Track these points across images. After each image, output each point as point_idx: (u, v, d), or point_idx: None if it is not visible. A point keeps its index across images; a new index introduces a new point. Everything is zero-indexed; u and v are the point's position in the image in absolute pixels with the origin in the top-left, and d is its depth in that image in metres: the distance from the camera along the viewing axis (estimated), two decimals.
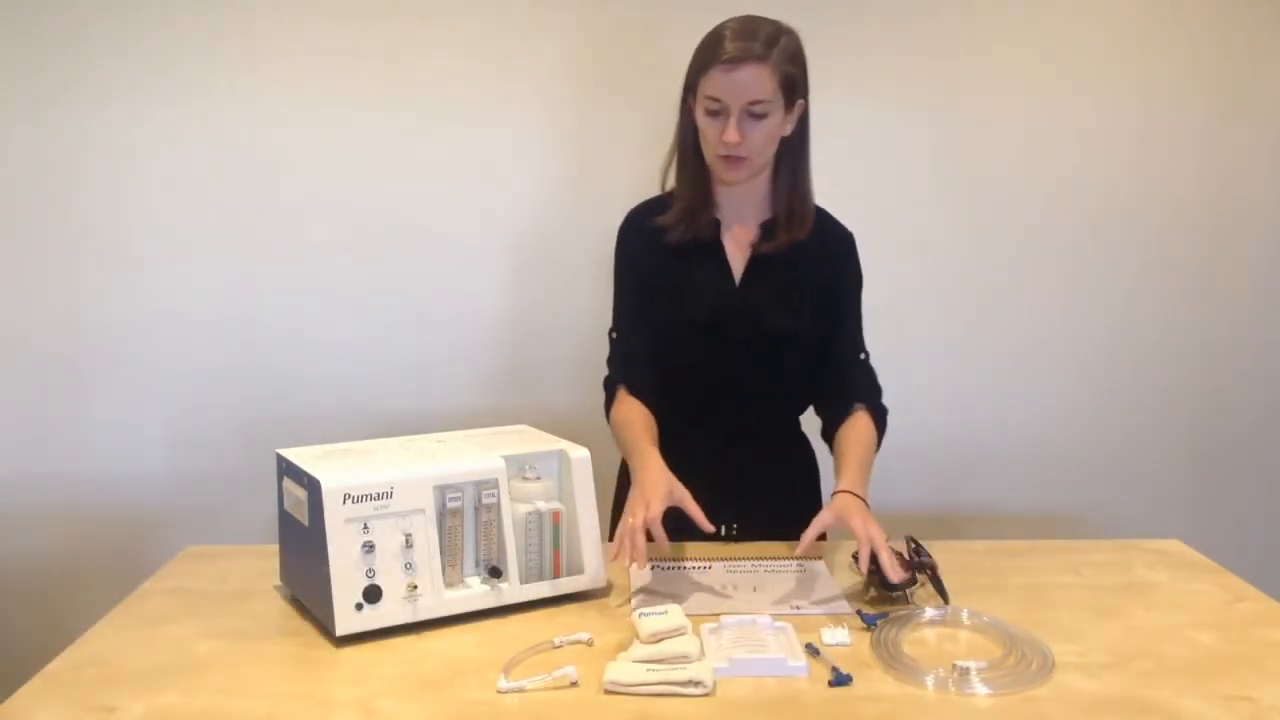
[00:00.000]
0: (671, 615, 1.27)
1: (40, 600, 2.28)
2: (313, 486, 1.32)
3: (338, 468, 1.35)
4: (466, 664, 1.25)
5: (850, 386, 1.67)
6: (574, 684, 1.19)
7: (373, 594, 1.30)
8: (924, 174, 2.25)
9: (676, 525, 1.60)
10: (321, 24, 2.14)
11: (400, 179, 2.20)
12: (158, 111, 2.15)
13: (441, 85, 2.17)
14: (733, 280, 1.63)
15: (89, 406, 2.24)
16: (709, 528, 1.40)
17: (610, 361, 1.70)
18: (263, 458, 1.57)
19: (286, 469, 1.42)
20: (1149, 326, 2.32)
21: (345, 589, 1.29)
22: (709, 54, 1.49)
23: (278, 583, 1.51)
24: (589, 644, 1.30)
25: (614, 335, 1.70)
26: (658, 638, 1.24)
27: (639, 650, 1.23)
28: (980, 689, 1.18)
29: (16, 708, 1.14)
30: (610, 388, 1.68)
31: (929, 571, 1.46)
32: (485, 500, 1.40)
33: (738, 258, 1.63)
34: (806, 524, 1.68)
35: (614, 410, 1.65)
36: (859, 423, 1.64)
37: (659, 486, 1.41)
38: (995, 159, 2.25)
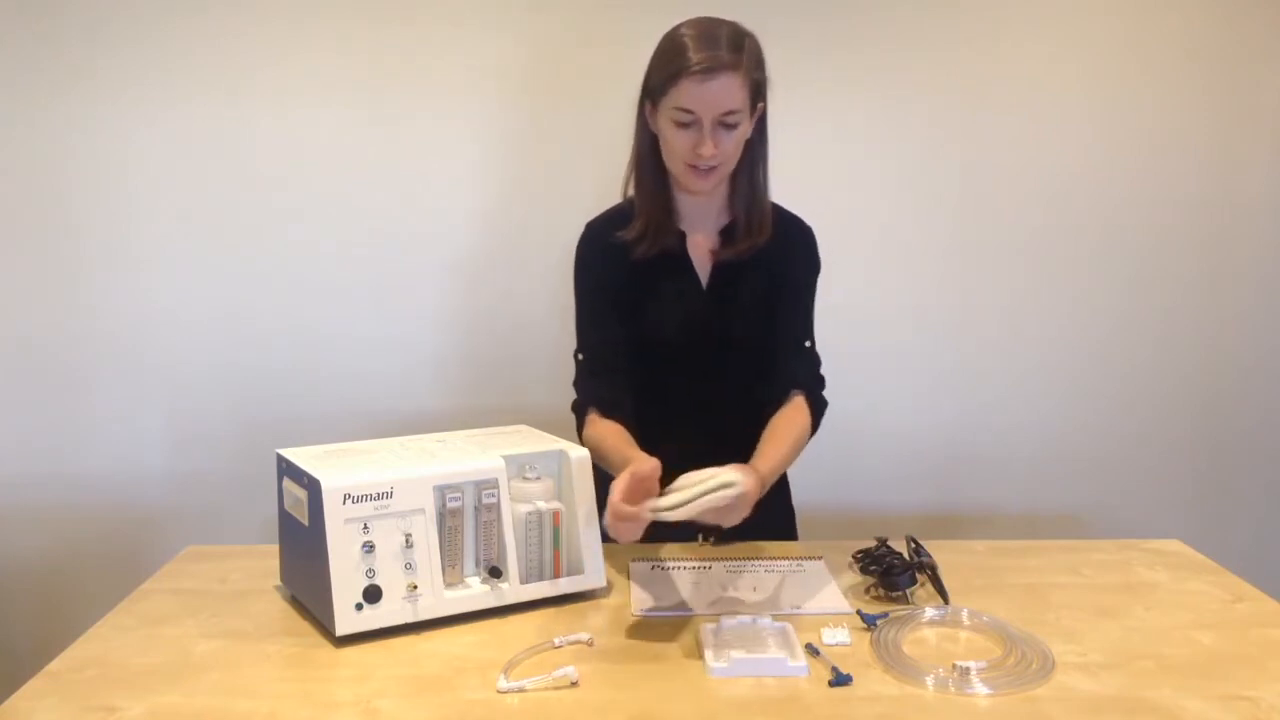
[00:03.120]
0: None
1: (40, 600, 2.29)
2: (313, 486, 1.32)
3: (338, 468, 1.35)
4: (466, 664, 1.25)
5: (790, 372, 1.62)
6: (574, 684, 1.19)
7: (373, 594, 1.30)
8: (922, 175, 2.25)
9: (669, 528, 1.61)
10: (318, 26, 2.14)
11: (400, 179, 2.20)
12: (158, 111, 2.15)
13: (436, 85, 2.17)
14: (702, 291, 1.60)
15: (89, 406, 2.24)
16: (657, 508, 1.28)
17: (577, 384, 1.64)
18: (263, 458, 1.57)
19: (286, 469, 1.43)
20: (1149, 326, 2.32)
21: (345, 589, 1.29)
22: (676, 63, 1.43)
23: (278, 583, 1.51)
24: (589, 644, 1.30)
25: (580, 356, 1.63)
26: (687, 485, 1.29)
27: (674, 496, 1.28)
28: (980, 689, 1.18)
29: (16, 708, 1.15)
30: (580, 411, 1.61)
31: (929, 571, 1.46)
32: (485, 500, 1.40)
33: (703, 266, 1.60)
34: (779, 529, 1.68)
35: (588, 432, 1.57)
36: (793, 410, 1.58)
37: (637, 464, 1.29)
38: (994, 160, 2.25)
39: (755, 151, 1.55)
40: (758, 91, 1.49)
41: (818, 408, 1.63)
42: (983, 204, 2.26)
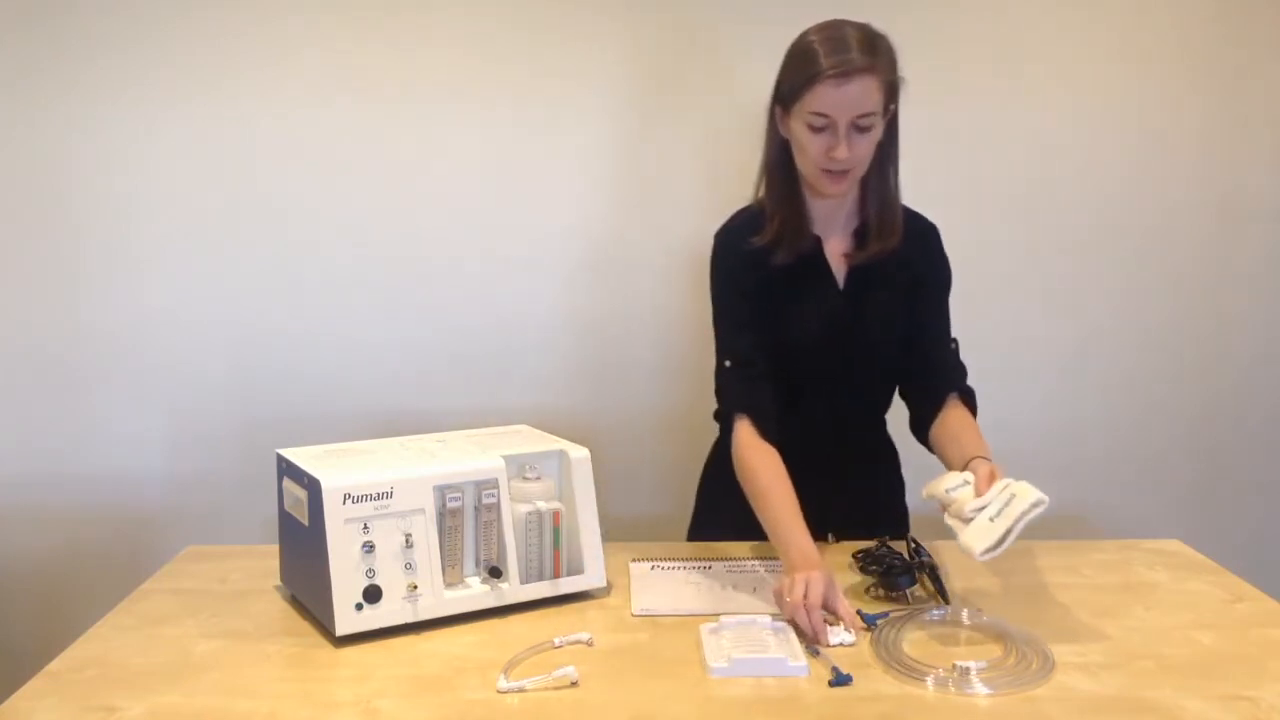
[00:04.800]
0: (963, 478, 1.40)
1: (40, 600, 2.28)
2: (313, 486, 1.32)
3: (338, 468, 1.35)
4: (466, 664, 1.25)
5: (946, 376, 1.64)
6: (574, 684, 1.19)
7: (373, 594, 1.31)
8: (921, 173, 2.23)
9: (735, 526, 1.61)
10: (319, 26, 2.13)
11: (399, 179, 2.20)
12: (158, 111, 2.15)
13: (435, 85, 2.17)
14: (840, 295, 1.60)
15: (89, 406, 2.24)
16: (860, 625, 1.34)
17: (724, 391, 1.61)
18: (263, 458, 1.57)
19: (286, 469, 1.43)
20: (1149, 326, 2.32)
21: (345, 589, 1.29)
22: (811, 67, 1.43)
23: (278, 583, 1.51)
24: (589, 644, 1.30)
25: (727, 364, 1.60)
26: (976, 502, 1.35)
27: (976, 517, 1.33)
28: (980, 689, 1.18)
29: (16, 708, 1.15)
30: (729, 418, 1.58)
31: (929, 571, 1.46)
32: (485, 500, 1.40)
33: (839, 269, 1.60)
34: (895, 526, 1.68)
35: (742, 453, 1.54)
36: (960, 411, 1.62)
37: (821, 571, 1.35)
38: (993, 158, 2.24)
39: (886, 153, 1.55)
40: (891, 93, 1.49)
41: (973, 402, 1.66)
42: (981, 204, 2.26)
